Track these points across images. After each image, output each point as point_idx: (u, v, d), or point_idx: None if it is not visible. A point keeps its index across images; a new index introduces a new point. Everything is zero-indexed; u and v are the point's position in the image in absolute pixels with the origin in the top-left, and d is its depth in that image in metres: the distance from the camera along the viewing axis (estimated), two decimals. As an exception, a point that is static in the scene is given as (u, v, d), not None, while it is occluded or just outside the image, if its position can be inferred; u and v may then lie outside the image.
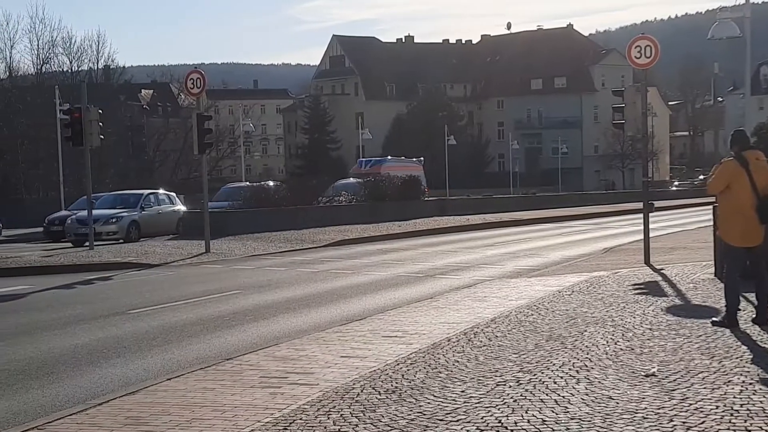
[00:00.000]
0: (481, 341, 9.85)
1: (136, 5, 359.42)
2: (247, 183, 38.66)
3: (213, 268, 21.44)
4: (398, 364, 8.78)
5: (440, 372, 8.35)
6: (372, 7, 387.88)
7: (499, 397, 7.23)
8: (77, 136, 26.21)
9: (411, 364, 8.80)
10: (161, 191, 35.31)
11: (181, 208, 34.18)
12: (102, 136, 27.63)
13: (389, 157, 54.51)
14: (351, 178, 44.71)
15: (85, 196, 39.41)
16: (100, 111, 27.30)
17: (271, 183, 38.53)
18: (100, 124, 26.92)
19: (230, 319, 13.04)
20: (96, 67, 76.02)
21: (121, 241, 29.69)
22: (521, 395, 7.27)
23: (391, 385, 7.87)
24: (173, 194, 35.13)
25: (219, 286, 17.48)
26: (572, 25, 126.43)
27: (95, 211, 29.44)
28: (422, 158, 54.20)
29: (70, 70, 72.99)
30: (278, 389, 7.92)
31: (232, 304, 14.81)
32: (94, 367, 9.81)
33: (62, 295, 17.12)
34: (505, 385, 7.69)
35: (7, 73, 72.83)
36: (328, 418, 6.84)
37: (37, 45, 71.28)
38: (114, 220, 30.42)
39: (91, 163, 27.28)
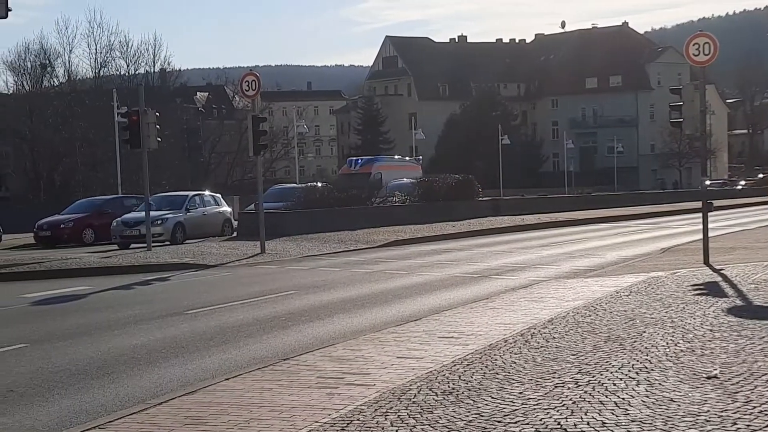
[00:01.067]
0: (538, 342, 9.77)
1: (192, 9, 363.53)
2: (294, 184, 38.60)
3: (268, 269, 21.57)
4: (455, 365, 8.75)
5: (497, 373, 8.30)
6: (424, 7, 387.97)
7: (558, 399, 7.16)
8: (135, 139, 26.53)
9: (468, 365, 8.76)
10: (207, 193, 35.21)
11: (226, 209, 34.14)
12: (159, 139, 27.93)
13: (382, 156, 52.42)
14: (405, 179, 44.41)
15: (82, 199, 39.88)
16: (158, 114, 27.63)
17: (318, 184, 38.49)
18: (158, 126, 27.23)
19: (286, 320, 13.10)
20: (152, 71, 77.14)
21: (167, 243, 29.68)
22: (580, 397, 7.19)
23: (448, 387, 7.84)
24: (218, 196, 34.97)
25: (274, 286, 17.58)
26: (627, 23, 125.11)
27: (139, 214, 29.65)
28: (420, 157, 52.97)
29: (127, 74, 74.12)
30: (335, 390, 7.93)
31: (287, 304, 14.88)
32: (153, 367, 9.92)
33: (121, 295, 17.34)
34: (563, 386, 7.61)
35: (66, 77, 74.17)
36: (386, 419, 6.83)
37: (95, 49, 72.58)
38: (159, 222, 29.97)
39: (148, 165, 27.55)
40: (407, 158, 50.66)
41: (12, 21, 29.87)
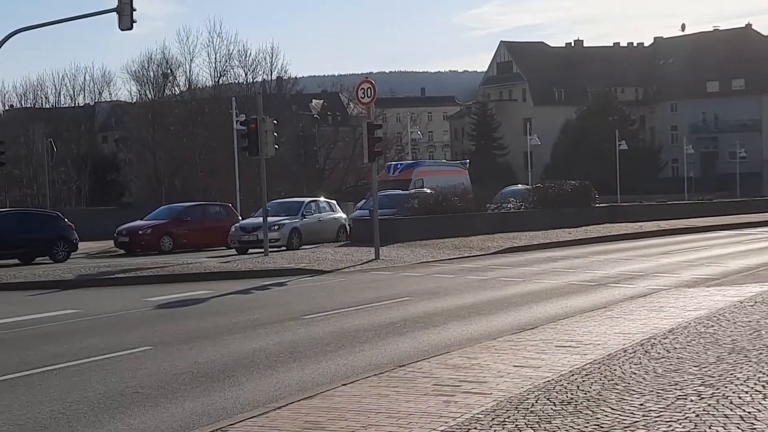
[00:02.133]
0: (658, 353, 9.56)
1: (308, 18, 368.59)
2: (399, 191, 38.27)
3: (383, 275, 21.69)
4: (573, 375, 8.63)
5: (617, 384, 8.15)
6: (538, 11, 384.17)
7: (680, 412, 6.99)
8: (253, 146, 27.06)
9: (586, 375, 8.63)
10: (322, 199, 35.50)
11: (341, 215, 34.48)
12: (276, 146, 28.42)
13: (424, 160, 48.25)
14: (519, 185, 43.81)
15: (163, 205, 39.96)
16: (275, 121, 28.10)
17: (426, 190, 38.31)
18: (275, 134, 27.72)
19: (401, 326, 13.15)
20: (270, 78, 78.30)
21: (284, 248, 30.17)
22: (703, 410, 7.01)
23: (567, 396, 7.74)
24: (333, 202, 35.29)
25: (389, 292, 17.67)
26: (751, 24, 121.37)
27: (257, 219, 30.11)
28: (467, 161, 48.64)
29: (245, 82, 75.42)
30: (451, 397, 7.91)
31: (402, 310, 14.94)
32: (271, 371, 10.08)
33: (240, 300, 17.69)
34: (686, 399, 7.43)
35: (187, 85, 75.98)
36: (503, 428, 6.78)
37: (215, 58, 74.05)
38: (276, 228, 30.39)
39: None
40: (457, 162, 47.44)
41: (136, 32, 30.89)
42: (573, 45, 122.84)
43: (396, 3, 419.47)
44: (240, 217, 35.45)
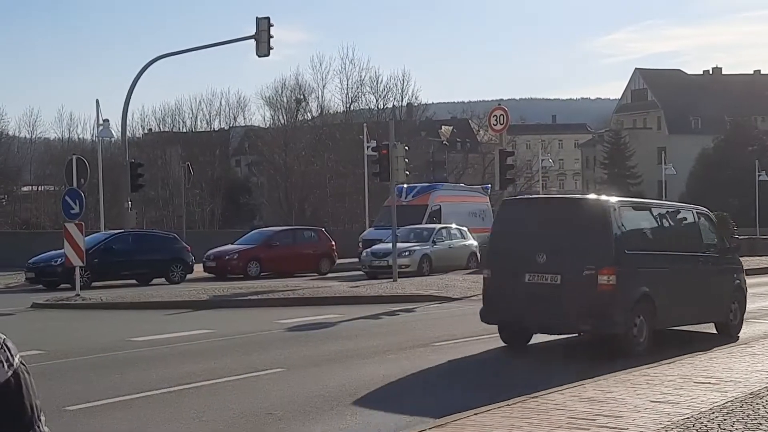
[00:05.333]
0: (805, 393, 9.14)
1: (439, 45, 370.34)
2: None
3: (513, 304, 21.44)
4: (713, 413, 8.33)
5: (761, 424, 7.83)
6: (673, 38, 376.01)
7: (831, 457, 6.66)
8: (384, 172, 27.27)
9: (727, 413, 8.32)
10: (453, 225, 34.58)
11: (472, 242, 33.86)
12: (407, 172, 28.56)
13: (441, 183, 43.77)
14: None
15: (254, 230, 39.31)
16: (407, 147, 28.26)
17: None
18: (406, 160, 27.87)
19: (531, 355, 12.96)
20: (400, 104, 78.99)
21: (413, 274, 29.86)
22: None
23: (707, 435, 7.47)
24: (465, 229, 34.56)
25: (519, 321, 17.46)
26: None
27: (388, 245, 30.17)
28: (489, 185, 43.96)
29: (376, 108, 76.31)
30: (587, 431, 7.74)
31: (532, 339, 14.73)
32: (401, 398, 10.07)
33: (369, 324, 17.77)
34: (836, 443, 7.08)
35: (319, 111, 77.40)
36: (641, 466, 6.58)
37: (347, 84, 75.31)
38: (407, 254, 30.43)
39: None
40: (477, 187, 43.90)
41: (270, 59, 31.60)
42: (711, 72, 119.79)
43: (526, 30, 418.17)
44: (333, 242, 35.24)
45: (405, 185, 37.62)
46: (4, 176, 71.11)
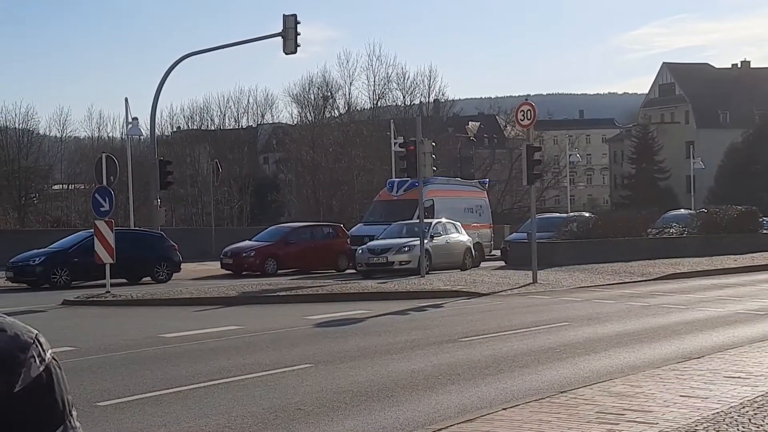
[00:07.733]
0: (836, 388, 9.08)
1: (465, 40, 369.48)
2: (558, 214, 36.75)
3: (540, 299, 21.45)
4: (743, 407, 8.30)
5: (792, 419, 7.78)
6: (701, 33, 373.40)
7: None
8: (412, 168, 27.29)
9: (758, 407, 8.28)
10: (444, 219, 32.59)
11: (467, 238, 32.32)
12: (434, 168, 28.57)
13: (435, 177, 44.14)
14: (681, 209, 42.48)
15: (272, 226, 38.42)
16: (434, 144, 28.26)
17: (586, 214, 37.22)
18: (433, 156, 27.88)
19: (560, 351, 12.95)
20: (427, 101, 78.88)
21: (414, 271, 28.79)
22: None
23: (737, 429, 7.45)
24: (458, 223, 32.70)
25: (547, 317, 17.46)
26: None
27: (384, 241, 29.74)
28: (487, 180, 43.80)
29: (403, 104, 76.26)
30: (615, 426, 7.73)
31: (561, 335, 14.72)
32: (430, 392, 10.09)
33: (397, 320, 17.80)
34: None
35: (346, 108, 77.49)
36: (671, 460, 6.58)
37: (374, 81, 75.29)
38: (407, 249, 29.04)
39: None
40: (474, 182, 42.10)
41: (297, 56, 31.71)
42: (740, 66, 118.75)
43: (553, 25, 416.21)
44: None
45: (396, 180, 37.27)
46: (35, 175, 71.68)
